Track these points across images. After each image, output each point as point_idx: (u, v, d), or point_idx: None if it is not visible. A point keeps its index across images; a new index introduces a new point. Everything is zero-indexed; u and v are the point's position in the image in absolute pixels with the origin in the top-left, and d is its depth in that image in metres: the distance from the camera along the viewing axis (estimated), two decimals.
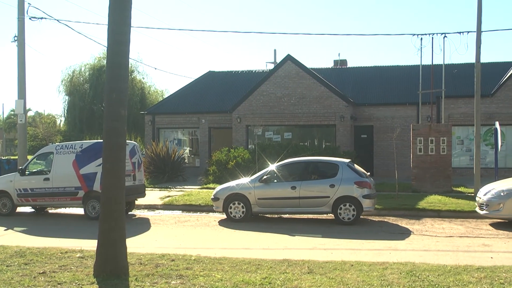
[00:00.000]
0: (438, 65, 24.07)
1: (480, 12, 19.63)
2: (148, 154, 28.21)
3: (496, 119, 24.10)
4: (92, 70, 44.57)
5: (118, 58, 8.61)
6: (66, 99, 45.13)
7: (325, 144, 28.62)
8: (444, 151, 21.79)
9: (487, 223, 15.23)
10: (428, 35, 22.61)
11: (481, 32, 19.69)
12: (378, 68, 33.51)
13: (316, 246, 11.98)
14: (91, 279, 8.40)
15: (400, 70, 32.43)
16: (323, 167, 16.30)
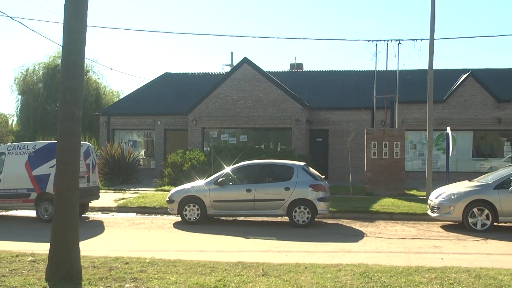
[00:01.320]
0: (393, 71, 24.45)
1: (433, 21, 20.03)
2: (103, 156, 27.86)
3: (447, 124, 24.66)
4: (46, 69, 43.70)
5: (73, 57, 8.49)
6: (19, 98, 44.15)
7: (281, 147, 28.76)
8: (398, 155, 22.17)
9: (438, 225, 15.57)
10: (383, 41, 22.97)
11: (434, 40, 20.09)
12: (334, 72, 33.89)
13: (270, 248, 12.03)
14: (43, 283, 8.23)
15: (356, 75, 32.87)
16: (278, 170, 16.33)
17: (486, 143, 30.01)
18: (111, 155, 27.25)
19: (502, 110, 28.67)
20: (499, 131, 29.24)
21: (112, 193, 22.97)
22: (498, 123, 28.67)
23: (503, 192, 14.54)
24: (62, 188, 8.44)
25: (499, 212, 14.44)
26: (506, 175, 15.14)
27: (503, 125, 28.72)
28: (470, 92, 28.81)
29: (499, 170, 17.00)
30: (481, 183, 15.40)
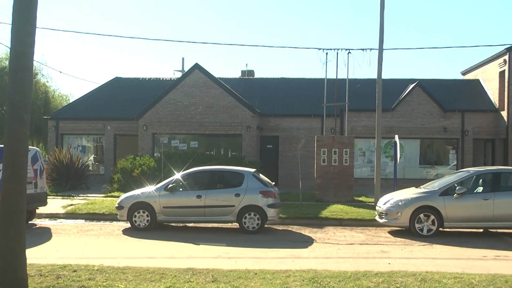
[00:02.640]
0: (343, 79, 24.79)
1: (382, 32, 20.41)
2: (51, 161, 27.31)
3: (395, 132, 25.15)
4: None
5: (22, 60, 8.32)
6: None
7: (231, 153, 28.78)
8: (347, 162, 22.47)
9: (386, 230, 15.85)
10: (333, 50, 23.26)
11: (383, 50, 20.47)
12: (285, 80, 34.11)
13: (220, 254, 12.03)
14: None
15: (306, 82, 33.16)
16: (228, 176, 16.34)
17: (433, 151, 30.76)
18: (60, 160, 26.77)
19: (447, 120, 29.46)
20: (445, 139, 30.03)
21: (60, 199, 22.55)
22: (444, 132, 29.46)
23: (448, 199, 14.93)
24: (9, 194, 8.25)
25: (444, 218, 14.82)
26: (451, 182, 15.56)
27: (448, 134, 29.53)
28: (418, 102, 29.51)
29: (445, 177, 17.44)
30: (428, 189, 15.76)
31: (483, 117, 29.83)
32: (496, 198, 14.92)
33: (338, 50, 23.12)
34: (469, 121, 29.60)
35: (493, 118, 29.75)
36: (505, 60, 28.52)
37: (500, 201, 14.89)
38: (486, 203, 14.90)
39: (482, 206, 14.90)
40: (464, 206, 14.91)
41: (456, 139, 29.77)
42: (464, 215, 14.92)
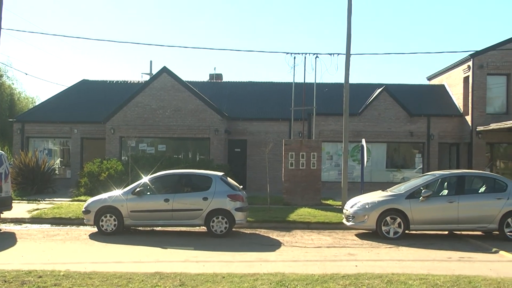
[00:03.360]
0: (310, 84, 24.93)
1: (349, 37, 20.61)
2: (16, 164, 26.91)
3: (362, 136, 25.41)
4: None
5: None
6: None
7: (199, 157, 28.71)
8: (314, 166, 22.61)
9: (353, 233, 15.99)
10: (301, 54, 23.32)
11: (350, 55, 20.66)
12: (253, 83, 34.16)
13: (188, 258, 12.00)
14: None
15: (275, 86, 33.25)
16: (196, 180, 16.32)
17: (399, 154, 31.12)
18: (25, 164, 26.39)
19: (414, 124, 29.87)
20: (411, 143, 30.42)
21: (26, 203, 22.24)
22: (410, 136, 29.86)
23: (414, 202, 15.14)
24: None
25: (410, 221, 15.03)
26: (417, 185, 15.78)
27: (414, 138, 29.94)
28: (384, 106, 29.85)
29: (411, 180, 17.67)
30: (394, 193, 15.96)
31: (448, 122, 30.31)
32: (461, 200, 15.18)
33: (306, 54, 23.23)
34: (434, 126, 30.05)
35: (458, 122, 30.24)
36: (469, 66, 29.01)
37: (464, 203, 15.17)
38: (451, 205, 15.15)
39: (447, 208, 15.15)
40: (429, 208, 15.14)
41: (422, 143, 30.20)
42: (429, 217, 15.15)
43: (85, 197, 22.29)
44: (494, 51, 28.57)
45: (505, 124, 25.30)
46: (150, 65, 46.98)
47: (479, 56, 28.51)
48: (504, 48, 28.40)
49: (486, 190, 15.86)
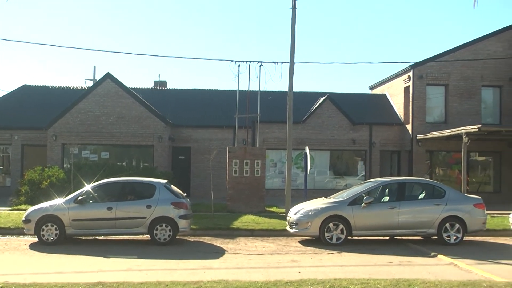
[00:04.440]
0: (255, 91, 25.03)
1: (293, 46, 20.83)
2: None
3: (306, 144, 25.66)
4: None
5: None
6: None
7: (143, 164, 28.46)
8: (258, 173, 22.70)
9: (296, 240, 16.11)
10: (245, 62, 23.41)
11: (294, 63, 20.87)
12: (198, 91, 34.05)
13: (131, 267, 11.86)
14: None
15: (219, 94, 33.23)
16: (140, 187, 16.16)
17: (342, 162, 31.59)
18: None
19: (356, 132, 30.39)
20: (353, 151, 30.94)
21: None
22: (353, 143, 30.37)
23: (356, 208, 15.39)
24: None
25: (352, 227, 15.26)
26: (359, 192, 16.05)
27: (357, 145, 30.46)
28: (328, 114, 30.28)
29: (353, 187, 17.95)
30: (337, 199, 16.18)
31: (390, 130, 30.98)
32: (401, 207, 15.53)
33: (250, 62, 23.34)
34: (376, 134, 30.66)
35: (398, 131, 30.93)
36: (409, 77, 29.74)
37: (405, 209, 15.53)
38: (392, 211, 15.47)
39: (388, 214, 15.47)
40: (371, 215, 15.42)
41: (364, 151, 30.74)
42: (371, 223, 15.43)
43: (25, 206, 21.72)
44: (433, 63, 29.40)
45: (443, 133, 26.04)
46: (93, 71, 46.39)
47: (418, 67, 29.30)
48: (442, 60, 29.26)
49: (425, 196, 16.30)
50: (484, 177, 30.66)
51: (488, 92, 30.16)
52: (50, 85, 33.87)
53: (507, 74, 29.64)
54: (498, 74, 29.66)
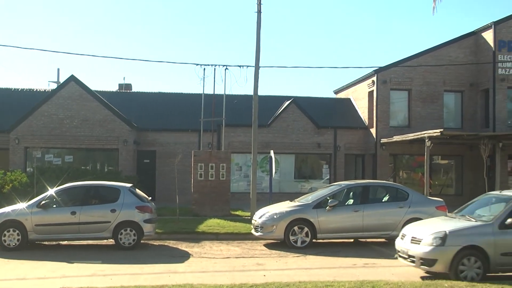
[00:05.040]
0: (220, 95, 25.04)
1: (258, 50, 20.90)
2: None
3: (271, 147, 25.75)
4: None
5: None
6: None
7: (108, 168, 28.19)
8: (224, 177, 22.72)
9: (261, 244, 16.17)
10: (210, 65, 23.34)
11: (259, 67, 20.95)
12: (163, 94, 33.83)
13: (95, 272, 11.77)
14: None
15: (184, 97, 33.08)
16: (104, 191, 16.04)
17: (307, 165, 31.77)
18: None
19: (321, 136, 30.61)
20: (318, 154, 31.15)
21: None
22: (318, 147, 30.57)
23: (321, 211, 15.54)
24: None
25: (317, 230, 15.41)
26: (324, 195, 16.21)
27: (322, 149, 30.68)
28: (293, 118, 30.43)
29: (318, 190, 18.09)
30: (302, 203, 16.30)
31: (354, 134, 31.30)
32: (365, 209, 15.76)
33: (216, 66, 23.27)
34: (341, 138, 30.93)
35: (363, 135, 31.26)
36: (373, 81, 30.12)
37: (369, 212, 15.75)
38: (356, 214, 15.67)
39: (352, 217, 15.67)
40: (336, 218, 15.59)
41: (329, 154, 30.97)
42: (336, 226, 15.60)
43: None
44: (396, 68, 29.83)
45: (407, 137, 26.43)
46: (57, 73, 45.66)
47: (382, 72, 29.70)
48: (405, 65, 29.71)
49: (389, 199, 16.57)
50: (446, 180, 31.18)
51: (450, 97, 30.74)
52: (12, 87, 33.25)
53: (468, 80, 30.26)
54: (460, 80, 30.25)
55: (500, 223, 10.96)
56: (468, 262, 10.78)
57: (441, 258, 10.80)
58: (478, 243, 10.82)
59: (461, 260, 10.77)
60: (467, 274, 10.72)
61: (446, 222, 11.92)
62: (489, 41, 29.15)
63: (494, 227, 10.96)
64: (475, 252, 10.83)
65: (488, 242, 10.83)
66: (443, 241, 10.81)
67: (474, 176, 29.06)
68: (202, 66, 23.27)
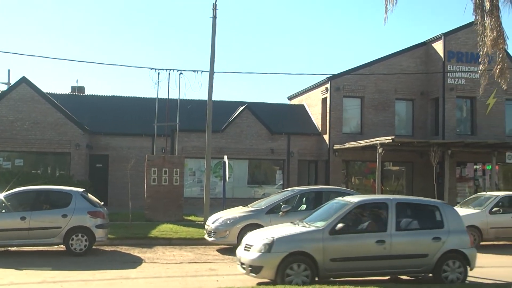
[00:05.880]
0: (174, 100, 24.98)
1: (213, 55, 20.98)
2: None
3: (225, 153, 25.77)
4: None
5: None
6: None
7: (59, 172, 27.74)
8: (177, 182, 22.67)
9: (214, 249, 16.22)
10: (165, 70, 23.33)
11: (213, 72, 21.02)
12: (117, 98, 33.46)
13: (45, 279, 11.58)
14: None
15: (139, 101, 32.79)
16: (55, 196, 15.78)
17: (260, 171, 31.93)
18: None
19: (275, 141, 30.81)
20: (272, 160, 31.33)
21: None
22: (271, 153, 30.75)
23: (274, 216, 15.65)
24: None
25: None
26: (277, 200, 16.34)
27: (275, 155, 30.87)
28: (247, 124, 30.55)
29: (271, 196, 18.24)
30: (255, 208, 16.41)
31: (307, 140, 31.60)
32: None
33: (170, 70, 23.24)
34: (294, 144, 31.19)
35: (316, 141, 31.59)
36: (327, 88, 30.50)
37: None
38: None
39: None
40: None
41: (282, 160, 31.18)
42: None
43: None
44: (349, 75, 30.31)
45: (359, 143, 26.86)
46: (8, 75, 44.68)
47: (336, 79, 30.12)
48: (358, 73, 30.23)
49: None
50: (398, 186, 31.74)
51: (402, 105, 31.39)
52: None
53: (419, 89, 30.97)
54: (411, 88, 30.93)
55: (331, 228, 10.83)
56: (297, 268, 10.51)
57: (267, 265, 10.52)
58: (306, 249, 10.62)
59: (288, 266, 10.51)
60: (293, 279, 10.43)
61: (282, 229, 11.68)
62: (439, 52, 29.92)
63: (325, 233, 10.78)
64: (303, 258, 10.59)
65: (317, 247, 10.64)
66: (270, 248, 10.55)
67: (424, 182, 29.68)
68: (157, 70, 23.23)
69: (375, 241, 10.93)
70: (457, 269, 11.31)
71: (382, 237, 11.00)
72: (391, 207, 11.36)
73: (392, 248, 10.96)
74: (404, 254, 11.13)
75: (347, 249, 10.87)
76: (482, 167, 30.11)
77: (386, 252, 10.93)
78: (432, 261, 11.17)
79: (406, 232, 11.38)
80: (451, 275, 11.26)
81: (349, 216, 11.25)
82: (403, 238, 11.25)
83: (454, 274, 11.26)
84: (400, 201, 11.99)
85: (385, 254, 10.94)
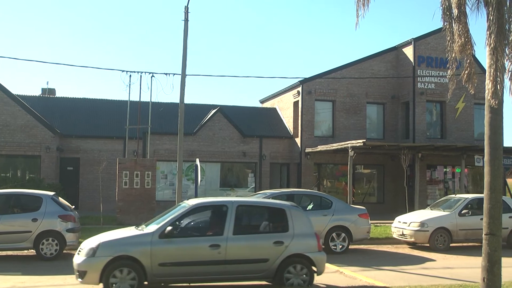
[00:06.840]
0: (146, 102, 24.90)
1: (185, 58, 20.89)
2: None
3: (197, 156, 25.81)
4: None
5: None
6: None
7: (29, 175, 27.42)
8: (149, 185, 22.60)
9: None
10: (137, 72, 23.15)
11: (185, 75, 20.94)
12: (88, 100, 33.16)
13: (15, 284, 11.48)
14: None
15: (110, 104, 32.64)
16: (25, 200, 15.58)
17: (233, 174, 31.96)
18: None
19: (247, 144, 30.87)
20: (244, 163, 31.39)
21: None
22: (243, 156, 30.81)
23: None
24: None
25: None
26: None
27: (248, 158, 30.93)
28: (219, 127, 30.57)
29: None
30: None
31: (280, 143, 31.74)
32: None
33: (142, 73, 23.10)
34: (266, 146, 31.29)
35: (288, 144, 31.75)
36: (298, 92, 30.67)
37: None
38: None
39: None
40: None
41: (254, 163, 31.26)
42: None
43: None
44: (321, 79, 30.56)
45: (331, 146, 27.09)
46: None
47: (308, 82, 30.33)
48: (330, 77, 30.53)
49: (313, 207, 16.98)
50: (369, 189, 32.07)
51: (373, 109, 31.73)
52: None
53: (390, 93, 31.36)
54: (382, 92, 31.30)
55: (161, 232, 10.35)
56: (120, 274, 10.05)
57: (91, 269, 10.10)
58: (132, 253, 10.17)
59: (113, 271, 10.05)
60: (119, 285, 10.02)
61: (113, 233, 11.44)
62: (409, 56, 30.33)
63: (154, 236, 10.30)
64: (130, 262, 10.13)
65: (144, 252, 10.17)
66: (94, 252, 10.13)
67: (395, 185, 30.04)
68: (128, 73, 23.07)
69: (209, 245, 10.35)
70: (301, 273, 10.75)
71: (217, 241, 10.43)
72: (231, 210, 10.81)
73: (228, 253, 10.41)
74: (241, 259, 10.60)
75: (177, 253, 10.36)
76: (452, 170, 30.52)
77: (221, 257, 10.39)
78: (274, 266, 10.61)
79: (245, 236, 10.85)
80: (295, 280, 10.70)
81: (182, 219, 10.77)
82: (241, 242, 10.66)
83: (297, 279, 10.70)
84: (242, 203, 11.53)
85: (220, 259, 10.40)
